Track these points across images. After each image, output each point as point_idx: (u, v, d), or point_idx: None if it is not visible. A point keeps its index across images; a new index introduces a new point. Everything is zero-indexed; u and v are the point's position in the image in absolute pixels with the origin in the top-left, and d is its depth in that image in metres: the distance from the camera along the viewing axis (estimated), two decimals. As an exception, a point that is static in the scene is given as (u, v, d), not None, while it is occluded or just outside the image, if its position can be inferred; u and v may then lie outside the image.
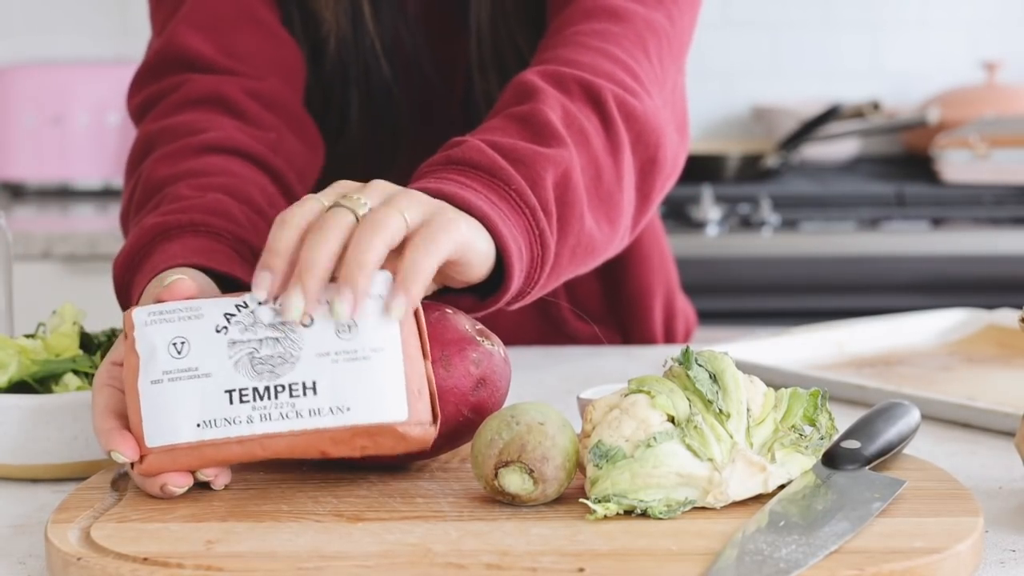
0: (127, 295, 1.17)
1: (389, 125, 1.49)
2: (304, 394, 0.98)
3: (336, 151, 1.48)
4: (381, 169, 1.46)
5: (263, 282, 0.99)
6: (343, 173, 1.38)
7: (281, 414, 0.98)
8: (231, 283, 1.13)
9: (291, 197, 1.31)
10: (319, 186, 1.33)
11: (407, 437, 0.98)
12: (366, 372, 0.98)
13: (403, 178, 1.22)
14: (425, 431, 0.99)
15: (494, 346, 1.06)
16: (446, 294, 1.10)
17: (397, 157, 1.48)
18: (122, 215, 1.32)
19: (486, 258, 1.08)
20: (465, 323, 1.06)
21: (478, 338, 1.05)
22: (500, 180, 1.13)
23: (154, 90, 1.37)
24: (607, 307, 1.59)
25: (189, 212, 1.18)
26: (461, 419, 1.04)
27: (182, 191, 1.22)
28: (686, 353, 1.01)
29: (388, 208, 1.01)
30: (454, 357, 1.04)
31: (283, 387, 0.98)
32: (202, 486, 1.03)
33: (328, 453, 0.99)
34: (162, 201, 1.22)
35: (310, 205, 1.02)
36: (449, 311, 1.06)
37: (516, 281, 1.11)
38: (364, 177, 1.26)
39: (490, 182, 1.12)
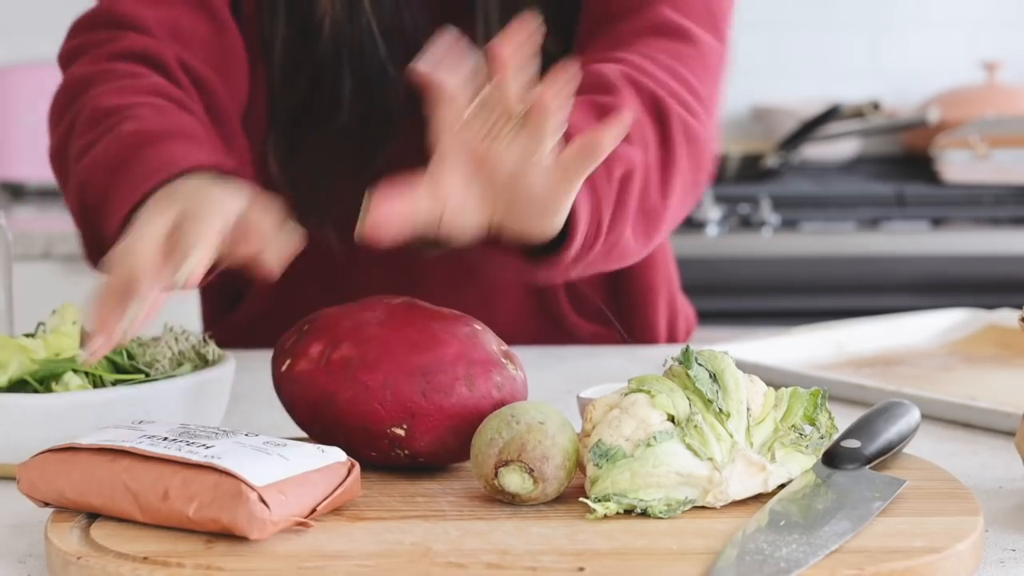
0: (113, 200, 1.17)
1: (383, 106, 1.47)
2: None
3: (327, 132, 1.47)
4: (372, 151, 1.46)
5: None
6: (334, 155, 1.37)
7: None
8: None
9: None
10: (304, 168, 1.31)
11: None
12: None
13: (393, 161, 1.21)
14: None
15: (517, 371, 1.08)
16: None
17: (389, 140, 1.47)
18: (53, 151, 1.30)
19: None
20: (493, 343, 1.07)
21: (503, 360, 1.07)
22: None
23: (87, 39, 1.35)
24: (611, 306, 1.59)
25: (169, 125, 1.18)
26: None
27: (144, 112, 1.21)
28: (686, 352, 1.01)
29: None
30: (479, 378, 1.05)
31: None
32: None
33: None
34: (123, 120, 1.20)
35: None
36: (479, 327, 1.07)
37: (577, 241, 1.14)
38: (356, 158, 1.25)
39: None
